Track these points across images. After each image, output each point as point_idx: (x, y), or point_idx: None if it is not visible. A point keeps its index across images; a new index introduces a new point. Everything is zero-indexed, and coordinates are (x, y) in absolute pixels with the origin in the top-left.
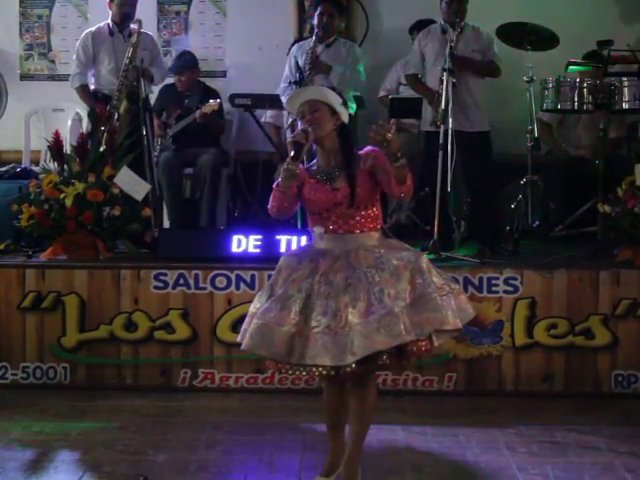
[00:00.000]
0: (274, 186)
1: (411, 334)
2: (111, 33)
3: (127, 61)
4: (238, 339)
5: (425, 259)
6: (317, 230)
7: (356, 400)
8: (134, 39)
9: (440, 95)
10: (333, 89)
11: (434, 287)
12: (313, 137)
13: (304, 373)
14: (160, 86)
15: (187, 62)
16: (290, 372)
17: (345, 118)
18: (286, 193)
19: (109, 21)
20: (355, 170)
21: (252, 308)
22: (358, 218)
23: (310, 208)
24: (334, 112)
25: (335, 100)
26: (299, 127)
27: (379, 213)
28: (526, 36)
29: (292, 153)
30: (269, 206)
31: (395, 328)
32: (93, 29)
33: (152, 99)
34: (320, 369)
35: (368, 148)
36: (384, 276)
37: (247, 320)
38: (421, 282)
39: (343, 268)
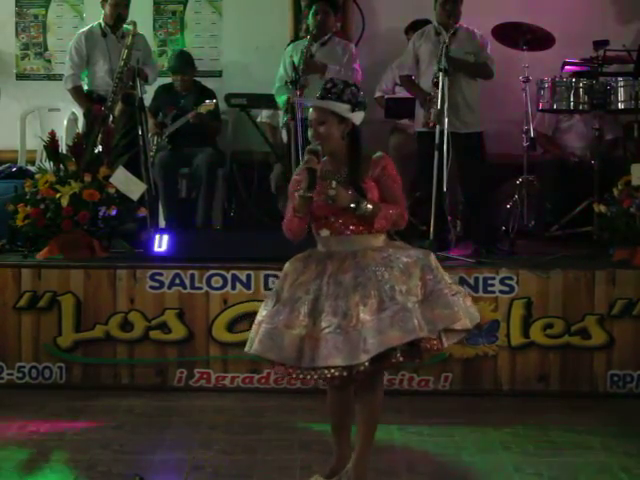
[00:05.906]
0: (289, 213)
1: (424, 330)
2: (104, 34)
3: (122, 63)
4: (246, 349)
5: (434, 257)
6: (323, 233)
7: (364, 404)
8: (129, 41)
9: (433, 96)
10: (352, 85)
11: (445, 284)
12: (322, 153)
13: (315, 376)
14: (156, 86)
15: (184, 62)
16: (301, 376)
17: (357, 120)
18: (304, 218)
19: (101, 21)
20: (362, 177)
21: (259, 316)
22: (364, 220)
23: (317, 214)
24: (342, 118)
25: (341, 108)
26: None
27: None
28: (522, 36)
29: (307, 181)
30: (285, 229)
31: (409, 323)
32: (85, 30)
33: (147, 99)
34: (332, 370)
35: (379, 154)
36: (394, 274)
37: (254, 328)
38: (432, 278)
39: (351, 268)
